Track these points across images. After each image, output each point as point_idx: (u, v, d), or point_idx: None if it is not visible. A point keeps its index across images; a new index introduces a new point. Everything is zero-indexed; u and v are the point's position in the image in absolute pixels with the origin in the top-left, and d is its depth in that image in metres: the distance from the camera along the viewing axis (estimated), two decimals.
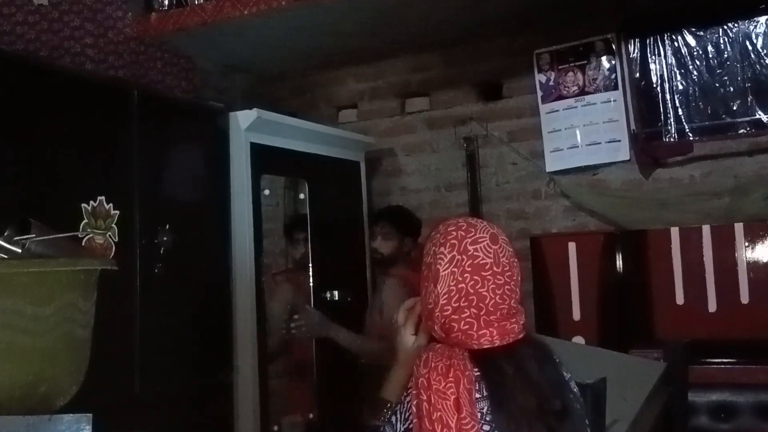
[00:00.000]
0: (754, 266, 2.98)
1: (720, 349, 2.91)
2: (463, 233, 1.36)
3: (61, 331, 1.32)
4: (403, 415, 1.32)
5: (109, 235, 2.54)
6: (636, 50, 3.47)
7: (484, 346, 1.31)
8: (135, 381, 2.60)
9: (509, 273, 1.36)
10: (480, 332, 1.31)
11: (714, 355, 2.89)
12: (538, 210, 3.77)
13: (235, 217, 3.11)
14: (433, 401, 1.24)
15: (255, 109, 3.18)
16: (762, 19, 3.24)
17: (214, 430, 2.95)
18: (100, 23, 3.33)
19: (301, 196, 3.66)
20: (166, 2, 3.52)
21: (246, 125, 3.13)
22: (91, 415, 1.26)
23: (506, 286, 1.34)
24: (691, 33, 3.37)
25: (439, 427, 1.23)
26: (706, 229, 3.07)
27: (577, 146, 3.62)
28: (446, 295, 1.32)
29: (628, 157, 3.53)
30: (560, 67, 3.66)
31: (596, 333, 3.16)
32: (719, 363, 2.89)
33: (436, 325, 1.34)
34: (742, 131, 3.30)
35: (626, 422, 1.82)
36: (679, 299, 3.07)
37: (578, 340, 3.13)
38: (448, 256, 1.34)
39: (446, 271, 1.33)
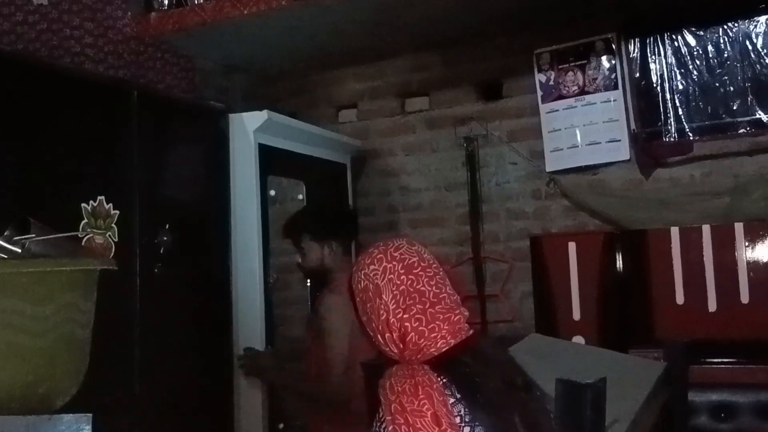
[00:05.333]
0: (754, 266, 2.98)
1: (720, 348, 2.91)
2: (383, 247, 1.48)
3: (61, 332, 1.32)
4: None
5: (109, 235, 2.54)
6: (636, 50, 3.47)
7: (442, 350, 1.36)
8: (135, 381, 2.60)
9: (435, 265, 1.47)
10: (430, 327, 1.38)
11: (714, 354, 2.90)
12: (538, 210, 3.77)
13: (241, 218, 3.11)
14: (411, 422, 1.25)
15: (265, 110, 3.19)
16: (762, 18, 3.24)
17: (213, 430, 2.95)
18: (100, 23, 3.33)
19: (300, 197, 3.66)
20: (166, 2, 3.52)
21: (255, 127, 3.14)
22: (90, 415, 1.26)
23: (437, 277, 1.45)
24: (691, 33, 3.37)
25: None
26: (706, 229, 3.07)
27: (577, 146, 3.62)
28: (393, 301, 1.41)
29: (628, 157, 3.53)
30: (560, 67, 3.66)
31: (596, 333, 3.16)
32: (719, 363, 2.89)
33: (394, 334, 1.39)
34: (742, 131, 3.29)
35: (626, 422, 1.82)
36: (679, 299, 3.07)
37: (578, 339, 3.13)
38: (380, 268, 1.44)
39: (384, 281, 1.43)
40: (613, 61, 3.54)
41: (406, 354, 1.39)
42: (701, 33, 3.35)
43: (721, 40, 3.30)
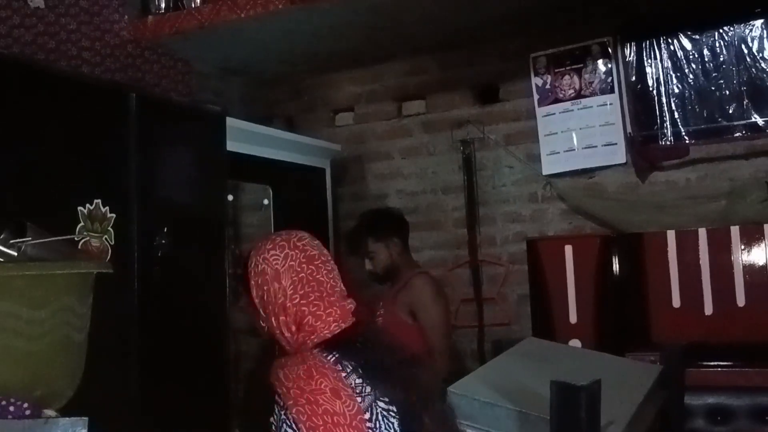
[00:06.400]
0: (750, 269, 2.98)
1: (716, 351, 2.91)
2: (286, 236, 1.56)
3: (57, 335, 1.33)
4: (292, 429, 1.32)
5: (106, 238, 2.54)
6: (632, 53, 3.47)
7: (335, 332, 1.46)
8: (132, 384, 2.60)
9: (331, 261, 1.57)
10: (327, 311, 1.48)
11: (710, 357, 2.90)
12: (534, 213, 3.78)
13: None
14: (313, 399, 1.31)
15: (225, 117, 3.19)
16: (757, 22, 3.24)
17: None
18: (97, 26, 3.33)
19: (265, 201, 3.65)
20: (163, 5, 3.52)
21: None
22: (86, 418, 1.26)
23: (334, 272, 1.56)
24: (687, 36, 3.37)
25: (329, 417, 1.31)
26: (702, 232, 3.07)
27: (574, 149, 3.63)
28: (292, 286, 1.49)
29: (624, 160, 3.54)
30: (557, 71, 3.67)
31: (593, 336, 3.16)
32: (715, 366, 2.89)
33: (289, 318, 1.48)
34: (737, 134, 3.30)
35: (622, 424, 1.82)
36: (676, 302, 3.07)
37: (575, 343, 3.13)
38: (282, 254, 1.51)
39: (284, 267, 1.50)
40: (610, 65, 3.55)
41: (299, 337, 1.47)
42: (697, 37, 3.36)
43: (717, 44, 3.31)
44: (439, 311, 3.04)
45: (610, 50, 3.54)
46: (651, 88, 3.44)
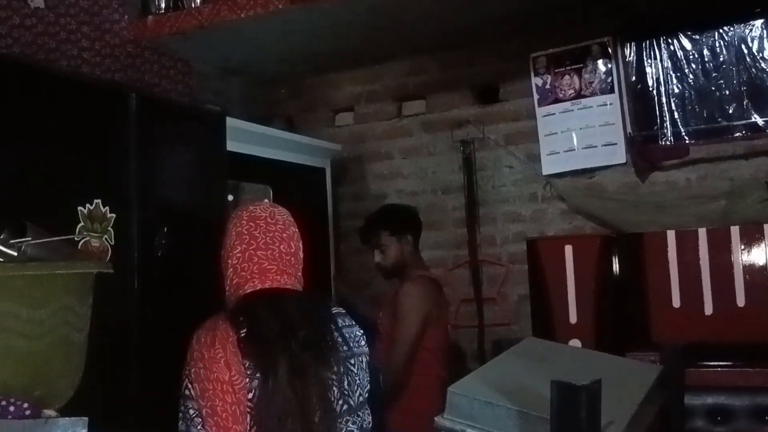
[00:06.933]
0: (750, 269, 2.98)
1: (716, 351, 2.91)
2: (249, 204, 1.69)
3: (57, 335, 1.33)
4: (190, 385, 1.49)
5: (106, 239, 2.53)
6: (632, 54, 3.47)
7: (247, 291, 1.55)
8: (132, 385, 2.59)
9: (282, 226, 1.63)
10: (243, 266, 1.57)
11: (710, 357, 2.90)
12: (534, 213, 3.78)
13: None
14: (208, 366, 1.45)
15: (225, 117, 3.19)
16: (757, 22, 3.25)
17: None
18: (97, 26, 3.33)
19: (265, 201, 3.65)
20: (163, 5, 3.53)
21: None
22: (86, 418, 1.26)
23: (277, 233, 1.61)
24: (687, 36, 3.38)
25: (218, 384, 1.44)
26: (702, 232, 3.07)
27: (574, 149, 3.63)
28: (229, 241, 1.62)
29: (624, 161, 3.54)
30: (557, 71, 3.67)
31: (593, 336, 3.16)
32: (715, 366, 2.89)
33: (224, 271, 1.63)
34: (737, 134, 3.30)
35: (622, 424, 1.82)
36: (676, 302, 3.07)
37: (575, 343, 3.13)
38: (234, 215, 1.66)
39: (231, 225, 1.65)
40: (609, 65, 3.55)
41: (227, 293, 1.61)
42: (697, 37, 3.36)
43: (717, 44, 3.31)
44: (409, 324, 2.92)
45: (610, 50, 3.54)
46: (651, 88, 3.44)
